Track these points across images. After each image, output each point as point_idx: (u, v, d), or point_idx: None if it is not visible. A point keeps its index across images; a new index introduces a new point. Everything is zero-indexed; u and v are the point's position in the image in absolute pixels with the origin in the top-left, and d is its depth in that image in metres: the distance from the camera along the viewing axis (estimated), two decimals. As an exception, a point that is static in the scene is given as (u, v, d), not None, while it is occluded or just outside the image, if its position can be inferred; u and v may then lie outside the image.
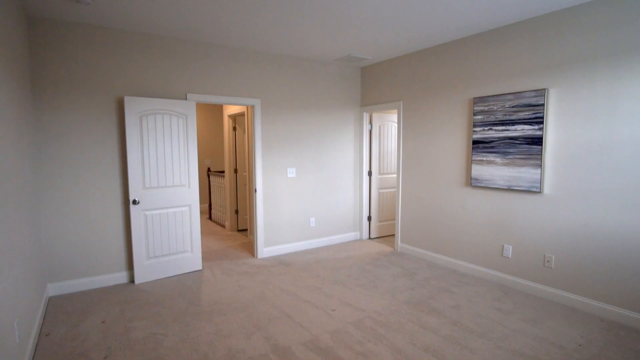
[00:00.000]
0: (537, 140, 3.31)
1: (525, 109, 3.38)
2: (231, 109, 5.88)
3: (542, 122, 3.26)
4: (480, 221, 3.88)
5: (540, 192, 3.33)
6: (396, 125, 5.67)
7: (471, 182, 3.89)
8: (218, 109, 8.08)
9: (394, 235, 5.79)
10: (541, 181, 3.31)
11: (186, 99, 3.98)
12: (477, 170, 3.82)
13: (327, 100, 5.06)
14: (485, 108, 3.70)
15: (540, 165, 3.30)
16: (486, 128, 3.71)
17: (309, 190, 4.99)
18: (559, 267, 3.27)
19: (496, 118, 3.61)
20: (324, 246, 5.15)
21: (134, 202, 3.67)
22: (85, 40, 3.46)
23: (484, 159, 3.75)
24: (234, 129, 6.04)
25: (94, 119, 3.54)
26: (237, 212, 6.11)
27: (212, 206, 7.03)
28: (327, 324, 2.87)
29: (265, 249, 4.67)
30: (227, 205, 6.10)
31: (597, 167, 2.99)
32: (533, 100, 3.31)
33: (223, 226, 6.46)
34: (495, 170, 3.66)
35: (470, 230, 3.98)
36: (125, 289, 3.62)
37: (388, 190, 5.68)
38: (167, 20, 3.37)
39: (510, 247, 3.62)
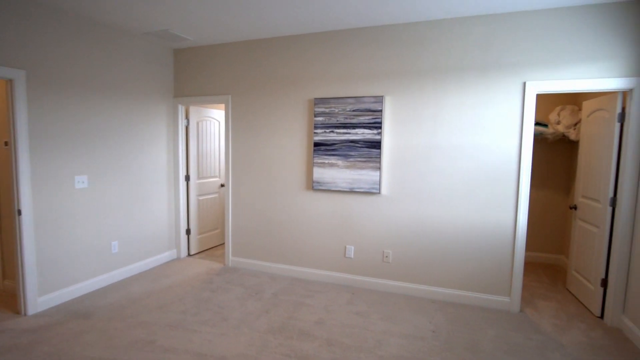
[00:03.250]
0: (377, 144, 3.48)
1: (365, 113, 3.49)
2: (-49, 83, 3.66)
3: (380, 127, 3.45)
4: (322, 225, 3.81)
5: (379, 192, 3.53)
6: (217, 122, 5.00)
7: (313, 186, 3.76)
8: None
9: (217, 246, 5.11)
10: (380, 182, 3.51)
11: None
12: (319, 173, 3.73)
13: (132, 85, 3.85)
14: (327, 110, 3.64)
15: (379, 168, 3.49)
16: (328, 130, 3.65)
17: (109, 203, 3.69)
18: (395, 260, 3.56)
19: (337, 121, 3.60)
20: (135, 275, 3.95)
21: None
22: None
23: (326, 161, 3.69)
24: (-42, 115, 3.81)
25: None
26: (-30, 244, 3.91)
27: None
28: (185, 397, 2.06)
29: (41, 299, 3.11)
30: (-51, 236, 3.81)
31: (423, 169, 3.39)
32: (372, 106, 3.46)
33: (-61, 270, 4.02)
34: (337, 172, 3.65)
35: (313, 235, 3.87)
36: None
37: (209, 196, 4.94)
38: None
39: (352, 247, 3.71)
